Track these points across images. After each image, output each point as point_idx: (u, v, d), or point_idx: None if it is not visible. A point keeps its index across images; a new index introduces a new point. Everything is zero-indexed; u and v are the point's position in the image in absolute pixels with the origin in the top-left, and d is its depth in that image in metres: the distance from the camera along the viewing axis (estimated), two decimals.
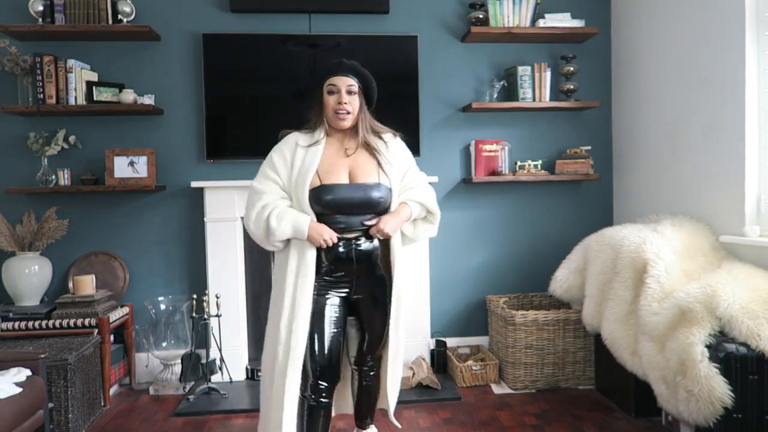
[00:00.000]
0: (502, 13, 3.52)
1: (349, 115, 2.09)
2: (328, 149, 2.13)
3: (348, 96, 2.09)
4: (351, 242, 2.09)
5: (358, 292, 2.16)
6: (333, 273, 2.10)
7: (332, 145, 2.14)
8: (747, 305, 2.19)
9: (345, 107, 2.08)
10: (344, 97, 2.08)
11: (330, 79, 2.10)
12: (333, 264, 2.09)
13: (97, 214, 3.52)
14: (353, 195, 2.07)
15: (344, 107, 2.08)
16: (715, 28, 2.82)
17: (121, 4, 3.32)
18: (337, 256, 2.08)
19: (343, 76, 2.09)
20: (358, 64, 2.13)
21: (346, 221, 2.08)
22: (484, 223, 3.75)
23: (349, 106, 2.09)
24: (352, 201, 2.07)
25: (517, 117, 3.74)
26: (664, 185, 3.29)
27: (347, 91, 2.08)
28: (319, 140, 2.11)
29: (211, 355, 3.30)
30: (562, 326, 3.25)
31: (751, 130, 2.64)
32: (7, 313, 3.10)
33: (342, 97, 2.07)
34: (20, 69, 3.27)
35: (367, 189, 2.08)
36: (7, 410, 2.05)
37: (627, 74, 3.63)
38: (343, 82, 2.09)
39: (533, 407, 3.02)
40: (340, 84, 2.08)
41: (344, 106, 2.08)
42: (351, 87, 2.09)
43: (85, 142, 3.48)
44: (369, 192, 2.08)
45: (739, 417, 2.11)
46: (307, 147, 2.11)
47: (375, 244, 2.13)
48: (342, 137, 2.16)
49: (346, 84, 2.09)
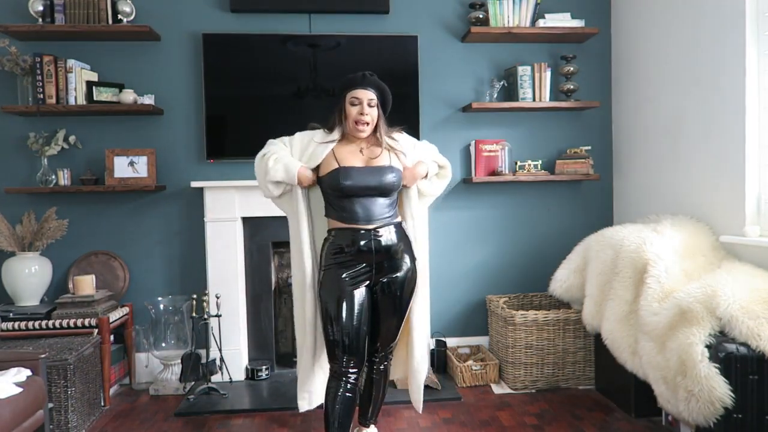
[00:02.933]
0: (502, 13, 3.52)
1: (367, 126, 2.24)
2: (343, 146, 2.29)
3: (368, 108, 2.23)
4: (370, 233, 2.21)
5: (378, 283, 2.27)
6: (356, 265, 2.22)
7: (348, 144, 2.30)
8: (747, 305, 2.19)
9: (365, 119, 2.22)
10: (366, 109, 2.22)
11: (353, 91, 2.23)
12: (354, 256, 2.20)
13: (97, 214, 3.52)
14: (367, 177, 2.20)
15: (365, 119, 2.22)
16: (715, 28, 2.82)
17: (121, 4, 3.32)
18: (358, 249, 2.20)
19: (366, 90, 2.23)
20: (377, 78, 2.29)
21: (365, 212, 2.21)
22: (484, 223, 3.75)
23: (368, 117, 2.23)
24: (367, 184, 2.20)
25: (517, 117, 3.74)
26: (664, 185, 3.29)
27: (368, 104, 2.23)
28: (335, 140, 2.27)
29: (211, 355, 3.30)
30: (562, 326, 3.25)
31: (751, 130, 2.64)
32: (7, 313, 3.10)
33: (364, 108, 2.22)
34: (20, 69, 3.27)
35: (381, 171, 2.22)
36: (7, 410, 2.05)
37: (627, 74, 3.63)
38: (365, 95, 2.23)
39: (533, 407, 3.01)
40: (362, 97, 2.23)
41: (365, 117, 2.22)
42: (371, 101, 2.24)
43: (85, 142, 3.48)
44: (383, 174, 2.22)
45: (739, 417, 2.11)
46: (320, 143, 2.27)
47: (395, 237, 2.26)
48: (360, 142, 2.31)
49: (368, 97, 2.23)
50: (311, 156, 2.25)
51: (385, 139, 2.31)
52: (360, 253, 2.20)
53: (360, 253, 2.20)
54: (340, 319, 2.18)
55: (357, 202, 2.21)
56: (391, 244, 2.24)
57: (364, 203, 2.21)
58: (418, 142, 2.45)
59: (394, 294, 2.29)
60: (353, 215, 2.20)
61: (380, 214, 2.23)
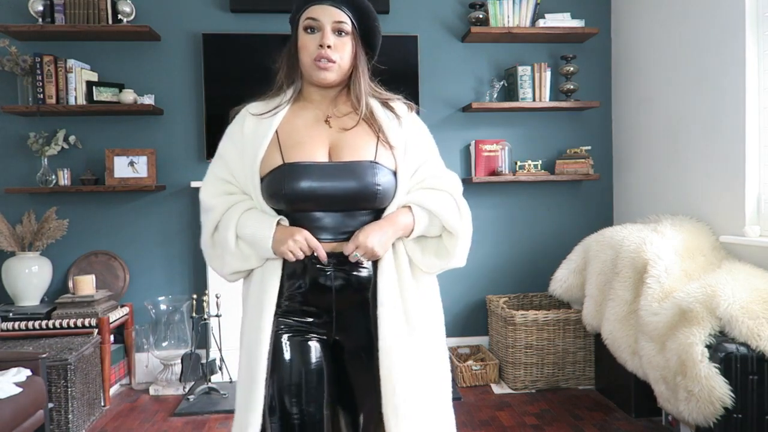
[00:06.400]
0: (502, 13, 3.52)
1: (333, 64, 1.38)
2: (296, 117, 1.42)
3: (335, 37, 1.38)
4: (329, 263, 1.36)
5: (341, 337, 1.42)
6: (301, 308, 1.39)
7: (305, 112, 1.44)
8: (747, 305, 2.19)
9: (329, 53, 1.36)
10: (329, 38, 1.36)
11: (309, 9, 1.39)
12: (304, 295, 1.38)
13: (97, 214, 3.52)
14: (334, 180, 1.33)
15: (327, 52, 1.36)
16: (715, 28, 2.82)
17: (121, 4, 3.32)
18: (313, 284, 1.37)
19: (329, 6, 1.38)
20: None
21: (324, 227, 1.37)
22: (484, 223, 3.75)
23: (335, 52, 1.37)
24: (333, 190, 1.33)
25: (517, 117, 3.74)
26: (664, 185, 3.29)
27: (335, 29, 1.38)
28: (281, 105, 1.42)
29: (211, 355, 3.30)
30: (562, 326, 3.25)
31: (751, 130, 2.64)
32: (7, 313, 3.10)
33: (326, 36, 1.36)
34: (20, 69, 3.27)
35: (357, 170, 1.34)
36: (7, 410, 2.05)
37: (627, 74, 3.63)
38: (327, 14, 1.37)
39: (533, 407, 3.02)
40: (323, 18, 1.37)
41: (327, 51, 1.36)
42: (341, 24, 1.38)
43: (85, 142, 3.48)
44: (361, 175, 1.34)
45: (739, 417, 2.11)
46: (260, 116, 1.42)
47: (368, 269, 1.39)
48: (323, 101, 1.45)
49: (333, 18, 1.37)
50: (248, 152, 1.40)
51: (370, 103, 1.44)
52: (311, 292, 1.38)
53: (312, 291, 1.37)
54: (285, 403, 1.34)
55: (315, 216, 1.37)
56: (364, 276, 1.39)
57: (328, 219, 1.37)
58: (432, 146, 1.50)
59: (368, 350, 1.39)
60: (313, 233, 1.35)
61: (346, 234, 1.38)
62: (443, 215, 1.40)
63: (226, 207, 1.41)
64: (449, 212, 1.40)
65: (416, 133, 1.46)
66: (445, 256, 1.44)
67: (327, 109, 1.44)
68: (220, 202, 1.42)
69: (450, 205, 1.41)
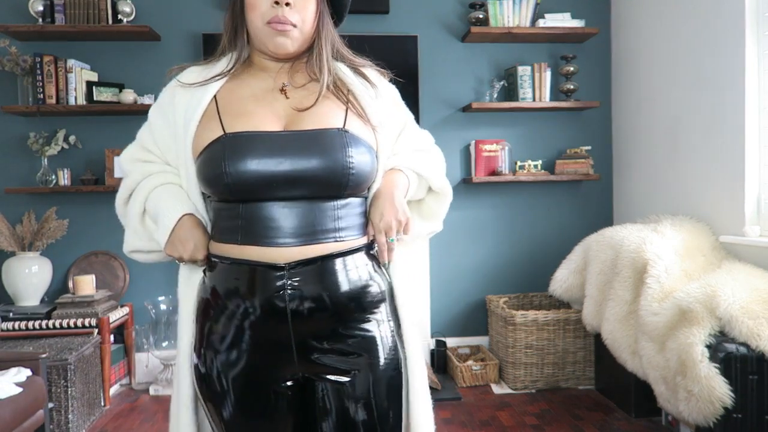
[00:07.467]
0: (502, 13, 3.52)
1: (294, 29, 1.11)
2: (241, 87, 1.14)
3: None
4: (284, 275, 1.04)
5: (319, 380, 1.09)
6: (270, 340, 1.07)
7: (255, 80, 1.16)
8: (747, 305, 2.19)
9: (286, 13, 1.09)
10: None
11: None
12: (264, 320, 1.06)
13: (97, 214, 3.51)
14: (292, 155, 1.03)
15: (284, 15, 1.08)
16: (715, 28, 2.82)
17: (121, 4, 3.32)
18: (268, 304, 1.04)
19: None
20: None
21: (281, 227, 1.05)
22: (484, 223, 3.75)
23: (294, 13, 1.10)
24: (291, 170, 1.02)
25: (517, 117, 3.74)
26: (664, 185, 3.29)
27: None
28: (223, 73, 1.15)
29: None
30: (562, 326, 3.25)
31: (751, 130, 2.64)
32: (7, 313, 3.10)
33: None
34: (20, 69, 3.27)
35: (322, 141, 1.05)
36: (7, 410, 2.05)
37: (627, 74, 3.63)
38: None
39: (533, 407, 3.02)
40: None
41: (285, 10, 1.08)
42: None
43: (85, 142, 3.48)
44: (327, 147, 1.04)
45: (739, 417, 2.11)
46: (191, 86, 1.14)
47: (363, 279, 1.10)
48: (278, 70, 1.17)
49: None
50: (179, 129, 1.12)
51: (338, 69, 1.18)
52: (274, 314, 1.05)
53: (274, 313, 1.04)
54: None
55: (270, 209, 1.05)
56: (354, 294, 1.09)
57: (287, 212, 1.05)
58: (408, 114, 1.31)
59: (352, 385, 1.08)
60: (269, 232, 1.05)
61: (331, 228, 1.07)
62: (432, 177, 1.24)
63: (142, 176, 1.17)
64: (436, 173, 1.26)
65: (393, 103, 1.25)
66: (431, 217, 1.29)
67: (280, 76, 1.15)
68: (137, 169, 1.18)
69: (436, 165, 1.27)
